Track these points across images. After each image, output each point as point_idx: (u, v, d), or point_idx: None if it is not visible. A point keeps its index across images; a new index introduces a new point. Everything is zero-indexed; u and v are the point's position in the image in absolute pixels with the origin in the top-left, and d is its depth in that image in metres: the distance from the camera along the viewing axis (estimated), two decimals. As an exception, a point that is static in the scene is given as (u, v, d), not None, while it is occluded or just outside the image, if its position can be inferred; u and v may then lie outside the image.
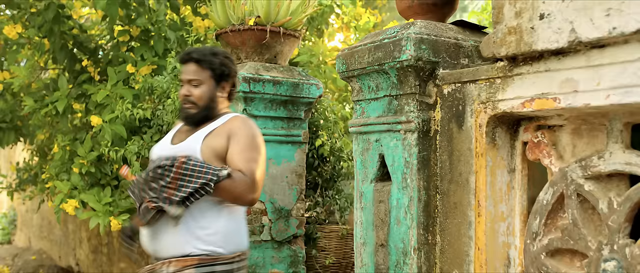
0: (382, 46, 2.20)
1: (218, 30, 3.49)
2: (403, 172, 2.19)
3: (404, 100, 2.19)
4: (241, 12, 3.40)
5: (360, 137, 2.41)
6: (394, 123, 2.21)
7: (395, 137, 2.22)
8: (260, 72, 3.37)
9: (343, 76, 2.44)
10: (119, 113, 3.55)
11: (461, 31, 2.27)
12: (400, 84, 2.19)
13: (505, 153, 2.02)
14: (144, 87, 3.64)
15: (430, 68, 2.13)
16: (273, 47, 3.48)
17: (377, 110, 2.32)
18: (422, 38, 2.10)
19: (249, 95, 3.31)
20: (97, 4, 3.36)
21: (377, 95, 2.31)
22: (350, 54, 2.37)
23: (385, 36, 2.24)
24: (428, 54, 2.11)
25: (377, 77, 2.27)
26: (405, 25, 2.22)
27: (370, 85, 2.34)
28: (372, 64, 2.24)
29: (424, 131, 2.15)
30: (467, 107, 2.03)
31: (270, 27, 3.37)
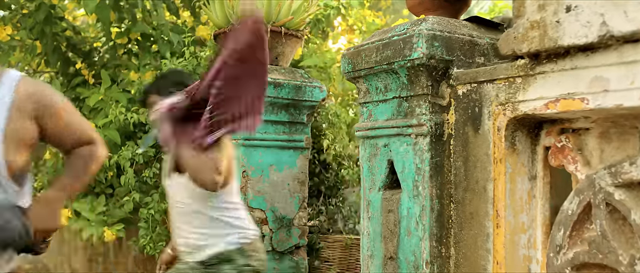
0: (391, 44, 2.07)
1: (216, 30, 3.37)
2: (414, 179, 2.05)
3: (415, 102, 2.06)
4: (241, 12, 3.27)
5: (367, 141, 2.28)
6: (404, 126, 2.08)
7: (406, 142, 2.09)
8: (260, 74, 3.24)
9: (349, 77, 2.31)
10: (112, 117, 3.42)
11: (476, 28, 2.14)
12: (411, 84, 2.06)
13: (525, 159, 1.88)
14: (139, 90, 3.52)
15: (443, 67, 2.00)
16: (274, 48, 3.35)
17: (386, 113, 2.18)
18: (435, 35, 1.97)
19: (248, 99, 3.18)
20: (87, 7, 3.23)
21: (386, 96, 2.18)
22: (356, 52, 2.24)
23: (394, 33, 2.11)
24: (441, 51, 1.97)
25: (386, 77, 2.14)
26: (416, 22, 2.09)
27: (378, 86, 2.21)
28: (381, 63, 2.11)
29: (436, 135, 2.02)
30: (484, 109, 1.90)
31: (271, 27, 3.25)
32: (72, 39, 4.10)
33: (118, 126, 3.49)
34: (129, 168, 3.36)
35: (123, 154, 3.37)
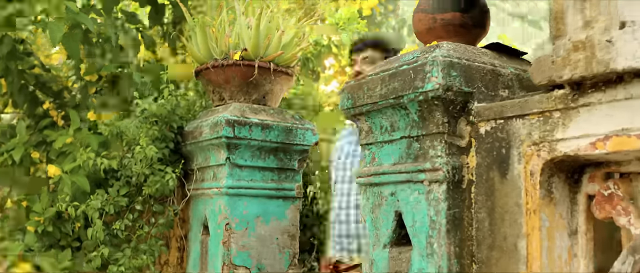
0: (399, 74, 1.78)
1: (198, 66, 3.07)
2: (428, 234, 1.73)
3: (428, 142, 1.75)
4: (225, 44, 2.99)
5: (370, 189, 1.96)
6: (415, 172, 1.76)
7: (417, 190, 1.77)
8: (246, 115, 2.94)
9: (348, 114, 2.00)
10: (81, 162, 3.08)
11: (497, 56, 1.85)
12: (423, 121, 1.76)
13: (564, 210, 1.57)
14: (111, 132, 3.19)
15: (461, 101, 1.70)
16: (262, 86, 3.05)
17: (393, 156, 1.87)
18: (452, 62, 1.68)
19: (233, 142, 2.87)
20: (53, 37, 2.93)
21: (393, 136, 1.87)
22: (357, 86, 1.94)
23: (402, 62, 1.82)
24: (459, 82, 1.68)
25: (393, 113, 1.84)
26: (429, 49, 1.80)
27: (383, 124, 1.90)
28: (386, 97, 1.81)
29: (454, 182, 1.70)
30: (512, 149, 1.59)
31: (259, 62, 2.96)
32: (41, 77, 3.78)
33: (87, 172, 3.15)
34: (97, 220, 3.01)
35: (91, 204, 3.02)
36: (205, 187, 3.04)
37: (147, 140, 2.93)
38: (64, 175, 3.15)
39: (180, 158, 3.18)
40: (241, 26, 3.01)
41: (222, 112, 2.94)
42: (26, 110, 3.84)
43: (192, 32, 3.10)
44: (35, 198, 3.54)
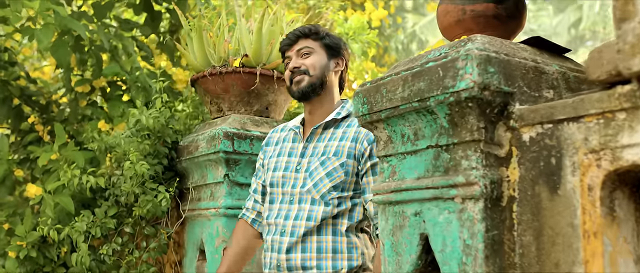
0: (424, 73, 1.54)
1: (194, 74, 2.84)
2: (461, 261, 1.47)
3: (461, 152, 1.51)
4: (224, 50, 2.76)
5: (389, 209, 1.71)
6: (445, 187, 1.52)
7: (447, 209, 1.52)
8: (247, 127, 2.70)
9: (364, 121, 1.76)
10: (65, 181, 2.84)
11: (537, 52, 1.61)
12: (454, 127, 1.51)
13: (629, 232, 1.32)
14: (99, 148, 2.95)
15: (500, 102, 1.46)
16: (264, 96, 2.82)
17: (417, 169, 1.63)
18: (489, 56, 1.43)
19: (232, 157, 2.63)
20: (40, 43, 2.71)
21: (416, 146, 1.63)
22: (374, 88, 1.70)
23: (428, 59, 1.58)
24: (498, 80, 1.44)
25: (417, 119, 1.60)
26: (459, 42, 1.56)
27: (405, 132, 1.66)
28: (409, 100, 1.57)
29: (493, 198, 1.45)
30: (564, 159, 1.34)
31: (261, 69, 2.73)
32: (27, 89, 3.56)
33: (72, 191, 2.91)
34: (82, 244, 2.76)
35: (76, 226, 2.77)
36: (202, 208, 2.79)
37: (138, 156, 2.69)
38: (46, 195, 2.92)
39: (175, 176, 2.94)
40: (241, 30, 2.79)
41: (220, 125, 2.71)
42: (10, 124, 3.62)
43: (188, 38, 2.88)
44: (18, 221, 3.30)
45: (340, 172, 2.16)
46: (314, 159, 2.20)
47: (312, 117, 2.28)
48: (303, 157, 2.24)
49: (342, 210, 2.16)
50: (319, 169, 2.18)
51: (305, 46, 2.23)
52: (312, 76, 2.21)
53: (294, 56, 2.25)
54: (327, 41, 2.26)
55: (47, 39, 2.76)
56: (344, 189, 2.16)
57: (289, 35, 2.27)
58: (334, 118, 2.23)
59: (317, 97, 2.24)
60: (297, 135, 2.31)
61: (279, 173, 2.26)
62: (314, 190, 2.16)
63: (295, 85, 2.22)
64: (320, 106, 2.26)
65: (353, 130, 2.20)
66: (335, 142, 2.20)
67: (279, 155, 2.31)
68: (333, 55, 2.27)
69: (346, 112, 2.25)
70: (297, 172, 2.22)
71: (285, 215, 2.19)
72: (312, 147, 2.24)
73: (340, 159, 2.16)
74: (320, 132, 2.25)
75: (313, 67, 2.21)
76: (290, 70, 2.23)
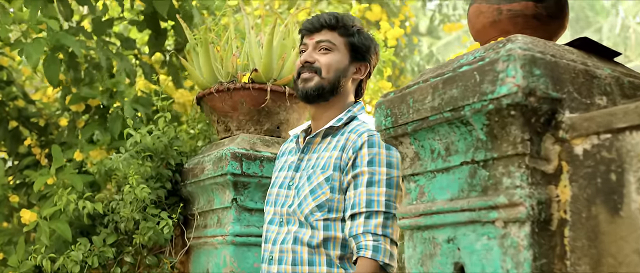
0: (457, 78, 1.37)
1: (200, 91, 2.69)
2: (503, 295, 1.29)
3: (502, 168, 1.33)
4: (232, 65, 2.61)
5: (418, 234, 1.53)
6: (484, 209, 1.34)
7: (487, 234, 1.34)
8: (257, 147, 2.54)
9: (387, 136, 1.59)
10: (61, 206, 2.68)
11: (585, 55, 1.44)
12: (494, 140, 1.34)
13: None
14: (99, 171, 2.79)
15: (547, 110, 1.29)
16: (275, 114, 2.66)
17: (449, 189, 1.45)
18: (534, 57, 1.27)
19: (240, 180, 2.46)
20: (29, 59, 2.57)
21: (449, 163, 1.45)
22: (399, 98, 1.54)
23: (462, 62, 1.42)
24: (545, 84, 1.27)
25: (449, 132, 1.43)
26: (497, 44, 1.40)
27: (435, 147, 1.49)
28: (440, 110, 1.40)
29: (540, 222, 1.27)
30: (627, 174, 1.16)
31: (272, 85, 2.58)
32: (25, 111, 3.42)
33: (69, 218, 2.75)
34: (77, 274, 2.59)
35: (72, 256, 2.60)
36: (208, 235, 2.62)
37: (139, 179, 2.52)
38: (42, 222, 2.75)
39: (179, 201, 2.77)
40: (251, 44, 2.64)
41: (227, 145, 2.55)
42: (7, 147, 3.48)
43: (194, 52, 2.73)
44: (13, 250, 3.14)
45: (324, 188, 1.86)
46: (304, 173, 1.94)
47: (315, 123, 2.02)
48: (297, 170, 1.98)
49: (331, 235, 1.84)
50: (305, 185, 1.90)
51: (327, 40, 1.95)
52: (323, 78, 1.92)
53: (311, 47, 1.97)
54: (354, 40, 1.97)
55: (37, 53, 2.61)
56: (331, 209, 1.85)
57: (313, 20, 1.98)
58: (332, 125, 1.94)
59: (324, 103, 1.96)
60: (296, 145, 2.06)
61: (274, 190, 2.03)
62: (299, 210, 1.88)
63: (302, 83, 1.95)
64: (324, 112, 1.98)
65: (345, 137, 1.90)
66: (327, 153, 1.91)
67: (280, 170, 2.07)
68: (356, 59, 1.98)
69: (349, 116, 1.96)
70: (289, 189, 1.97)
71: (273, 239, 1.95)
72: (306, 159, 1.97)
73: (326, 172, 1.87)
74: (318, 141, 1.98)
75: (327, 67, 1.93)
76: (301, 63, 1.96)
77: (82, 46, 2.88)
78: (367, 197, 1.78)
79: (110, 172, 2.84)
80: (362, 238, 1.76)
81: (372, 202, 1.78)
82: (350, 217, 1.80)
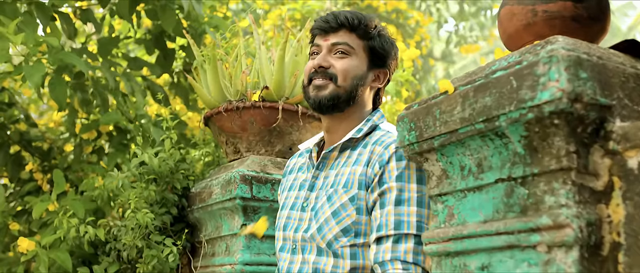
0: (491, 85, 1.23)
1: (208, 111, 2.57)
2: (549, 330, 1.13)
3: (543, 185, 1.19)
4: (241, 83, 2.49)
5: (446, 261, 1.38)
6: (523, 231, 1.19)
7: (527, 260, 1.19)
8: (267, 170, 2.41)
9: (411, 152, 1.45)
10: (62, 233, 2.55)
11: (633, 59, 1.30)
12: (533, 153, 1.20)
13: None
14: (101, 195, 2.67)
15: (595, 118, 1.15)
16: (287, 134, 2.53)
17: (482, 210, 1.30)
18: (580, 58, 1.13)
19: (250, 204, 2.33)
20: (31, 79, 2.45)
21: (481, 180, 1.31)
22: (424, 110, 1.40)
23: (495, 68, 1.29)
24: (592, 89, 1.13)
25: (481, 145, 1.29)
26: (534, 46, 1.27)
27: (465, 163, 1.35)
28: (471, 121, 1.27)
29: (590, 246, 1.13)
30: (693, 191, 1.01)
31: (284, 104, 2.45)
32: (27, 134, 3.32)
33: (70, 246, 2.62)
34: (77, 309, 2.45)
35: (71, 287, 2.47)
36: (216, 264, 2.47)
37: (142, 203, 2.39)
38: (41, 251, 2.62)
39: (185, 228, 2.63)
40: (261, 60, 2.52)
41: (236, 167, 2.42)
42: (9, 172, 3.37)
43: (201, 70, 2.62)
44: (10, 281, 3.03)
45: (349, 209, 1.63)
46: (322, 193, 1.71)
47: (330, 136, 1.80)
48: (312, 190, 1.76)
49: (359, 264, 1.62)
50: (324, 207, 1.67)
51: (345, 42, 1.73)
52: (339, 86, 1.71)
53: (325, 49, 1.74)
54: (374, 44, 1.75)
55: (38, 75, 2.49)
56: (358, 234, 1.62)
57: (328, 18, 1.75)
58: (352, 137, 1.73)
59: (339, 113, 1.75)
60: (309, 160, 1.84)
61: (284, 212, 1.82)
62: (318, 236, 1.65)
63: (314, 90, 1.73)
64: (340, 123, 1.77)
65: (368, 149, 1.68)
66: (348, 169, 1.69)
67: (290, 189, 1.86)
68: (376, 65, 1.77)
69: (370, 126, 1.75)
70: (303, 211, 1.74)
71: (287, 269, 1.74)
72: (323, 177, 1.75)
73: (350, 191, 1.64)
74: (335, 156, 1.76)
75: (344, 74, 1.71)
76: (314, 68, 1.74)
77: (88, 66, 2.77)
78: (396, 218, 1.55)
79: (114, 196, 2.71)
80: (389, 267, 1.53)
81: (402, 223, 1.54)
82: (376, 240, 1.58)
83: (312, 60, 1.77)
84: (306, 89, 1.77)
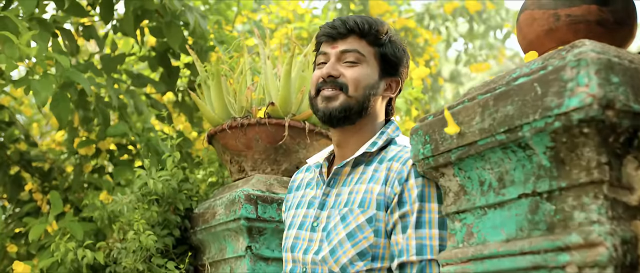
0: (513, 92, 1.15)
1: (212, 128, 2.49)
2: None
3: (572, 199, 1.10)
4: (246, 99, 2.42)
5: (466, 284, 1.28)
6: (551, 251, 1.10)
7: (555, 282, 1.10)
8: (273, 189, 2.33)
9: (426, 167, 1.37)
10: (59, 256, 2.47)
11: (666, 65, 1.22)
12: (560, 165, 1.11)
13: None
14: (101, 217, 2.59)
15: (629, 127, 1.06)
16: (294, 152, 2.45)
17: (505, 228, 1.22)
18: (611, 62, 1.05)
19: (255, 225, 2.25)
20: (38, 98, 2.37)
21: (503, 196, 1.22)
22: (440, 121, 1.32)
23: (516, 74, 1.20)
24: (625, 95, 1.05)
25: (503, 158, 1.20)
26: (558, 51, 1.19)
27: (485, 177, 1.26)
28: (492, 132, 1.18)
29: (625, 266, 1.04)
30: None
31: (290, 120, 2.37)
32: (27, 154, 3.25)
33: (68, 270, 2.53)
34: None
35: (67, 313, 2.38)
36: (220, 288, 2.39)
37: (144, 224, 2.31)
38: (39, 276, 2.54)
39: (188, 250, 2.55)
40: (267, 75, 2.45)
41: (241, 187, 2.33)
42: (7, 193, 3.30)
43: (205, 86, 2.55)
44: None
45: (366, 231, 1.51)
46: (335, 212, 1.59)
47: (340, 150, 1.69)
48: (323, 208, 1.64)
49: None
50: (338, 227, 1.55)
51: (355, 49, 1.62)
52: (350, 97, 1.60)
53: (334, 57, 1.63)
54: (387, 51, 1.65)
55: (46, 91, 2.43)
56: (376, 258, 1.51)
57: (336, 24, 1.64)
58: (366, 151, 1.62)
59: (350, 126, 1.64)
60: (320, 176, 1.72)
61: (292, 231, 1.70)
62: (331, 259, 1.54)
63: (323, 102, 1.62)
64: (351, 137, 1.66)
65: (385, 166, 1.57)
66: (363, 186, 1.57)
67: (297, 207, 1.74)
68: (387, 74, 1.66)
69: (385, 140, 1.65)
70: (314, 231, 1.62)
71: None
72: (335, 194, 1.64)
73: (368, 212, 1.52)
74: (347, 171, 1.65)
75: (355, 84, 1.60)
76: (322, 77, 1.63)
77: (92, 83, 2.71)
78: (418, 242, 1.44)
79: (115, 218, 2.63)
80: None
81: (424, 247, 1.43)
82: (398, 266, 1.47)
83: (320, 70, 1.66)
84: (313, 101, 1.67)
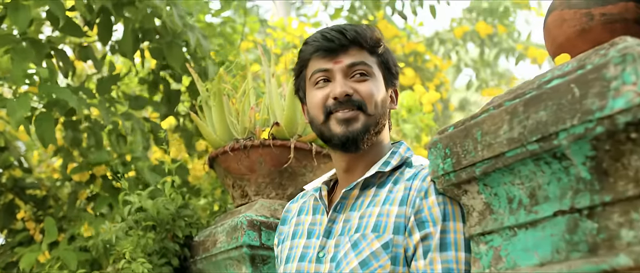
0: (545, 96, 1.04)
1: (213, 151, 2.38)
2: None
3: (617, 215, 0.98)
4: (249, 120, 2.31)
5: (493, 314, 1.15)
6: (594, 275, 0.97)
7: (600, 311, 0.96)
8: (278, 215, 2.20)
9: (446, 184, 1.25)
10: (50, 288, 2.35)
11: None
12: (603, 177, 0.99)
13: None
14: (96, 246, 2.46)
15: (682, 132, 0.94)
16: (300, 175, 2.33)
17: (538, 251, 1.09)
18: (660, 58, 0.93)
19: (259, 253, 2.12)
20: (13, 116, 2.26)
21: (535, 214, 1.10)
22: (462, 132, 1.20)
23: (549, 77, 1.09)
24: (678, 95, 0.92)
25: (535, 171, 1.08)
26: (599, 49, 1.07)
27: (514, 194, 1.14)
28: (522, 142, 1.06)
29: (684, 292, 0.90)
30: None
31: (296, 142, 2.26)
32: (21, 181, 3.14)
33: (60, 301, 2.41)
34: None
35: None
36: (221, 322, 2.25)
37: (138, 252, 2.18)
38: (30, 309, 2.41)
39: (187, 281, 2.42)
40: (271, 95, 2.35)
41: (244, 212, 2.21)
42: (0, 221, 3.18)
43: (206, 106, 2.44)
44: None
45: (382, 258, 1.36)
46: (344, 239, 1.44)
47: (348, 175, 1.54)
48: (329, 237, 1.49)
49: None
50: (349, 255, 1.40)
51: (362, 62, 1.47)
52: (370, 116, 1.45)
53: (340, 73, 1.47)
54: (388, 59, 1.53)
55: (23, 109, 2.31)
56: None
57: (333, 35, 1.47)
58: (379, 171, 1.48)
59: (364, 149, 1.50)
60: (318, 202, 1.59)
61: (291, 265, 1.54)
62: None
63: (342, 125, 1.46)
64: (361, 160, 1.52)
65: (402, 186, 1.43)
66: (376, 209, 1.42)
67: (294, 237, 1.59)
68: (391, 84, 1.54)
69: (399, 160, 1.51)
70: (319, 262, 1.47)
71: None
72: (342, 220, 1.48)
73: (383, 237, 1.37)
74: (356, 194, 1.50)
75: (371, 99, 1.46)
76: (334, 98, 1.46)
77: (83, 103, 2.60)
78: (444, 266, 1.29)
79: (110, 247, 2.51)
80: None
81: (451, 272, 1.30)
82: None
83: (323, 89, 1.49)
84: (324, 126, 1.51)
